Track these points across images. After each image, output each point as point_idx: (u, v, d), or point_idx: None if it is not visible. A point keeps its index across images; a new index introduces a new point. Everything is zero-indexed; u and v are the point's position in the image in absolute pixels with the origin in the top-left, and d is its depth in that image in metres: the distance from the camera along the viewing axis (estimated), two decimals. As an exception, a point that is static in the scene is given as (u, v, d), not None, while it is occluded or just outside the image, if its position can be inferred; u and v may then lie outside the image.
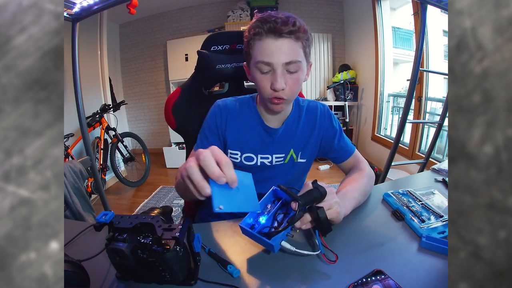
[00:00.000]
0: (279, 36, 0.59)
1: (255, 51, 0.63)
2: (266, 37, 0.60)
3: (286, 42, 0.60)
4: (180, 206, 2.31)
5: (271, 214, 0.53)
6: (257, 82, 0.65)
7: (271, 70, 0.62)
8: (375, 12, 2.89)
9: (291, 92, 0.64)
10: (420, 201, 0.66)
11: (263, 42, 0.61)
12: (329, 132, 0.78)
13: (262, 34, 0.60)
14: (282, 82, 0.61)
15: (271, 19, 0.59)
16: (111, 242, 0.40)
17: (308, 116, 0.77)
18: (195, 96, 0.91)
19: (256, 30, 0.60)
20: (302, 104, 0.78)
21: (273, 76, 0.62)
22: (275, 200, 0.56)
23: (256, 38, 0.61)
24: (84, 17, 1.30)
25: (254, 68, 0.64)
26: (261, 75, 0.63)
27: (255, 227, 0.52)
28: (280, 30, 0.58)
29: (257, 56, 0.62)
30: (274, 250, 0.47)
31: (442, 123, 1.65)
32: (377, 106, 3.06)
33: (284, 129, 0.75)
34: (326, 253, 0.49)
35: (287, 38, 0.60)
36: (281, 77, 0.61)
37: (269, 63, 0.61)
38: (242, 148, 0.74)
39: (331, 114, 0.79)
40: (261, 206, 0.53)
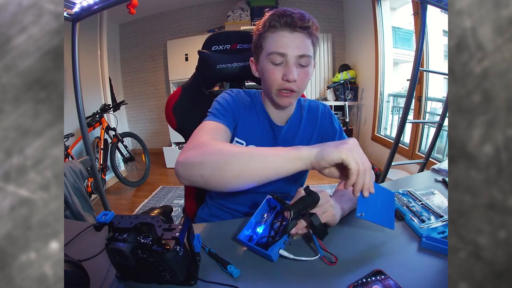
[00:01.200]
0: (294, 30, 0.61)
1: (268, 43, 0.64)
2: (282, 30, 0.61)
3: (300, 36, 0.62)
4: (180, 206, 2.31)
5: (268, 224, 0.54)
6: (267, 73, 0.65)
7: (284, 62, 0.63)
8: (375, 12, 2.89)
9: (301, 84, 0.65)
10: (420, 201, 0.66)
11: (277, 35, 0.62)
12: (330, 131, 0.78)
13: (277, 27, 0.61)
14: (295, 73, 0.62)
15: (288, 13, 0.61)
16: (111, 242, 0.40)
17: (310, 115, 0.78)
18: (196, 96, 0.91)
19: (272, 23, 0.62)
20: (304, 104, 0.79)
21: (286, 68, 0.63)
22: (270, 209, 0.58)
23: (271, 30, 0.63)
24: (84, 17, 1.30)
25: (265, 60, 0.65)
26: (273, 67, 0.64)
27: (253, 238, 0.52)
28: (296, 24, 0.60)
29: (270, 47, 0.63)
30: (273, 260, 0.48)
31: (442, 123, 1.65)
32: (377, 106, 3.06)
33: (288, 128, 0.75)
34: (326, 255, 0.49)
35: (301, 32, 0.61)
36: (294, 69, 0.62)
37: (284, 54, 0.62)
38: (248, 138, 0.74)
39: (332, 114, 0.79)
40: (257, 216, 0.55)
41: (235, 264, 0.48)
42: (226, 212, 0.80)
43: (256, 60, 0.70)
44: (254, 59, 0.71)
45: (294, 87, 0.64)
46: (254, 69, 0.72)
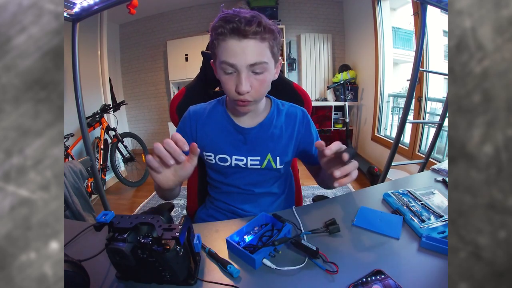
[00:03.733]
0: (243, 37, 0.56)
1: (219, 51, 0.59)
2: (230, 38, 0.57)
3: (251, 43, 0.57)
4: (180, 206, 2.31)
5: (257, 236, 0.55)
6: (222, 83, 0.63)
7: (236, 72, 0.59)
8: (375, 12, 2.89)
9: (257, 93, 0.62)
10: (420, 201, 0.66)
11: (226, 43, 0.57)
12: (306, 139, 0.76)
13: (225, 34, 0.57)
14: (247, 85, 0.59)
15: (235, 19, 0.55)
16: (111, 242, 0.40)
17: (288, 121, 0.75)
18: (200, 96, 0.91)
19: (219, 30, 0.57)
20: (282, 108, 0.76)
21: (237, 78, 0.59)
22: (262, 225, 0.59)
23: (220, 38, 0.58)
24: (84, 17, 1.30)
25: (219, 69, 0.62)
26: (226, 76, 0.61)
27: (240, 244, 0.53)
28: (244, 31, 0.55)
29: (221, 56, 0.59)
30: (255, 266, 0.48)
31: (442, 123, 1.65)
32: (377, 106, 3.05)
33: (258, 130, 0.73)
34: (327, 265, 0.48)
35: (252, 39, 0.57)
36: (246, 80, 0.59)
37: (233, 64, 0.58)
38: (215, 149, 0.73)
39: (309, 120, 0.77)
40: (249, 226, 0.57)
41: (235, 264, 0.48)
42: (223, 214, 0.81)
43: (214, 65, 0.66)
44: (213, 62, 0.67)
45: (248, 97, 0.61)
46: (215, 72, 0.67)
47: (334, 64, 3.72)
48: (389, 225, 0.58)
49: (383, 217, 0.61)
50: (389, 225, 0.58)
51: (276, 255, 0.51)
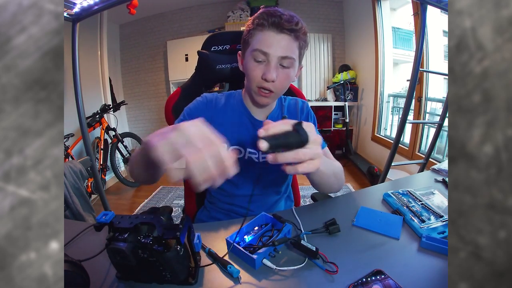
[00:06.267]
0: (281, 31, 0.61)
1: (254, 40, 0.64)
2: (268, 30, 0.62)
3: (285, 38, 0.62)
4: (180, 206, 2.31)
5: (257, 236, 0.55)
6: (249, 70, 0.66)
7: (265, 61, 0.64)
8: (375, 12, 2.89)
9: (280, 85, 0.66)
10: (420, 201, 0.66)
11: (264, 33, 0.63)
12: None
13: (264, 26, 0.62)
14: (274, 74, 0.63)
15: (277, 13, 0.61)
16: (111, 242, 0.40)
17: (289, 112, 0.79)
18: (195, 96, 0.91)
19: (260, 21, 0.62)
20: (284, 103, 0.80)
21: (266, 67, 0.64)
22: (262, 225, 0.59)
23: (258, 29, 0.63)
24: (84, 17, 1.30)
25: (249, 56, 0.66)
26: (255, 64, 0.64)
27: (240, 245, 0.53)
28: (283, 25, 0.60)
29: (255, 44, 0.64)
30: (255, 266, 0.48)
31: (442, 123, 1.65)
32: (377, 106, 3.06)
33: None
34: (328, 265, 0.48)
35: (287, 34, 0.62)
36: (274, 69, 0.63)
37: (266, 53, 0.62)
38: (230, 139, 0.74)
39: (309, 110, 0.80)
40: (249, 226, 0.57)
41: (235, 264, 0.48)
42: (224, 214, 0.80)
43: (242, 55, 0.71)
44: (241, 53, 0.72)
45: (272, 87, 0.65)
46: (240, 63, 0.73)
47: (334, 64, 3.72)
48: (389, 225, 0.58)
49: (383, 217, 0.61)
50: (389, 225, 0.58)
51: (276, 255, 0.51)
